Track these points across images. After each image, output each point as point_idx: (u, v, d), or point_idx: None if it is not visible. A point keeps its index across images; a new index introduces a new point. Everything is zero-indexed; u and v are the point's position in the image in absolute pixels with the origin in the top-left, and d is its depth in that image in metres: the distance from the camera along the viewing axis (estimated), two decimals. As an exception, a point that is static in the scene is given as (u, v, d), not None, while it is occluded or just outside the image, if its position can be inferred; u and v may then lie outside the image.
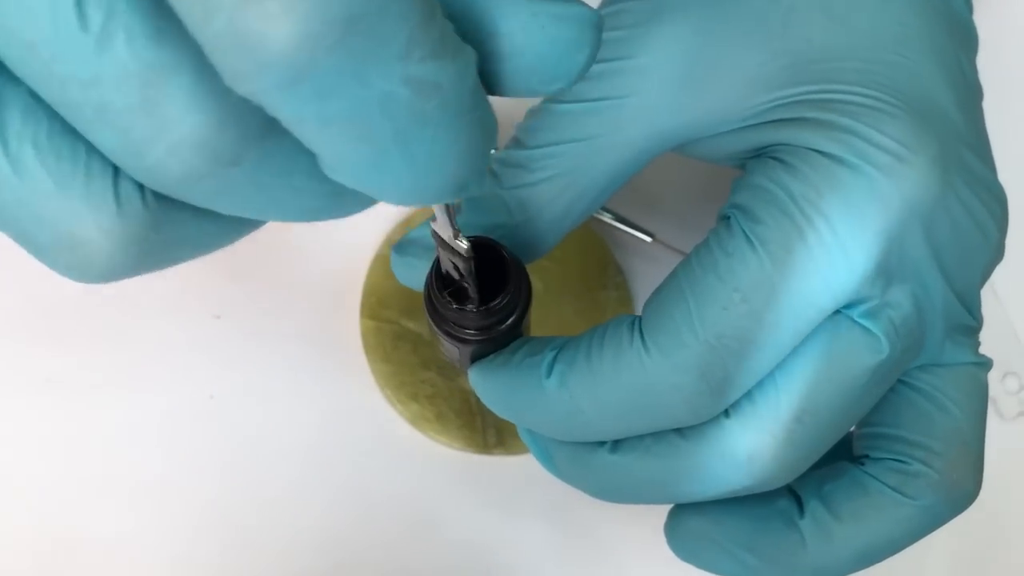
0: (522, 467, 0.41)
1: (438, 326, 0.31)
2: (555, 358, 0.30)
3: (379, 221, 0.43)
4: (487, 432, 0.41)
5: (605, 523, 0.41)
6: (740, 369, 0.29)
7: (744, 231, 0.29)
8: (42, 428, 0.40)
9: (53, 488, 0.40)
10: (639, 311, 0.42)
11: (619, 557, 0.41)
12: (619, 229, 0.42)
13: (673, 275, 0.30)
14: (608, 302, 0.42)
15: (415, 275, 0.33)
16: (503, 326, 0.31)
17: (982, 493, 0.32)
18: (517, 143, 0.33)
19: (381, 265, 0.42)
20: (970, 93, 0.33)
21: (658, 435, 0.31)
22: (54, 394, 0.40)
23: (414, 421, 0.41)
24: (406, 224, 0.42)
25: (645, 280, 0.43)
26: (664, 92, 0.32)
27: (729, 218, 0.30)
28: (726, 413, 0.30)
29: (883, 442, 0.32)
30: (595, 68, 0.32)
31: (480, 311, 0.30)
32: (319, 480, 0.41)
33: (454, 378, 0.41)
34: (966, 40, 0.34)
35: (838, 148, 0.29)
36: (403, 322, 0.41)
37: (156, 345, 0.41)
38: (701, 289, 0.29)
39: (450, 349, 0.32)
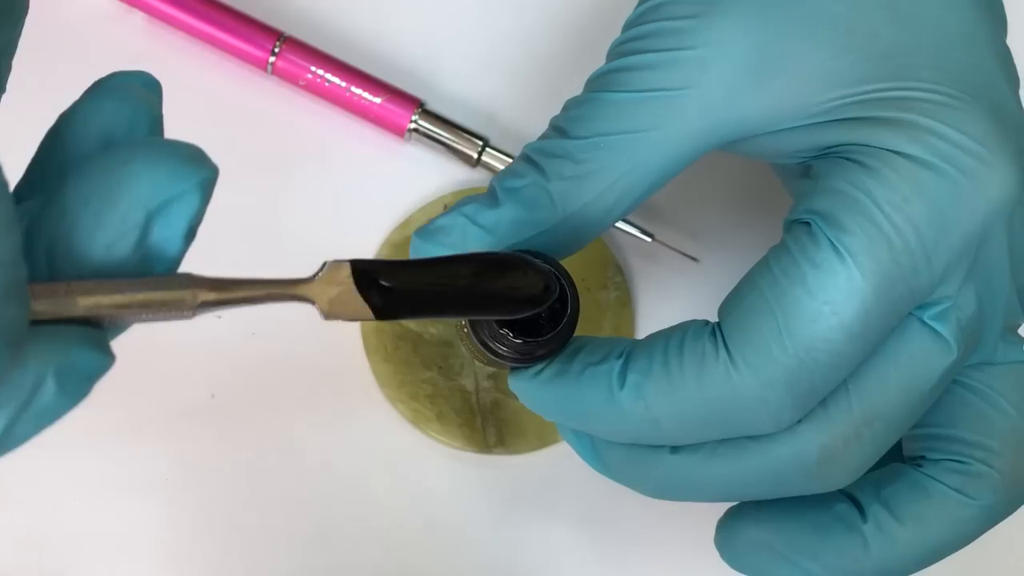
0: (522, 467, 0.41)
1: (479, 342, 0.30)
2: (624, 367, 0.30)
3: (379, 221, 0.43)
4: (487, 432, 0.41)
5: (606, 523, 0.41)
6: (826, 381, 0.29)
7: (831, 241, 0.28)
8: (42, 428, 0.40)
9: (53, 488, 0.40)
10: (639, 311, 0.42)
11: (619, 556, 0.41)
12: (619, 229, 0.42)
13: (752, 284, 0.29)
14: (608, 302, 0.42)
15: None
16: (550, 348, 0.30)
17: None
18: (559, 132, 0.32)
19: (381, 265, 0.42)
20: (1018, 84, 0.32)
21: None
22: (54, 394, 0.40)
23: (414, 421, 0.41)
24: (405, 224, 0.42)
25: (645, 280, 0.43)
26: (725, 85, 0.30)
27: (810, 224, 0.29)
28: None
29: (940, 443, 0.32)
30: (649, 57, 0.31)
31: (533, 342, 0.30)
32: (319, 480, 0.41)
33: (455, 378, 0.41)
34: (1004, 27, 0.33)
35: (920, 150, 0.29)
36: (403, 322, 0.41)
37: (156, 345, 0.41)
38: (789, 302, 0.28)
39: (485, 356, 0.31)
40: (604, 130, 0.31)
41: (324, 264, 0.24)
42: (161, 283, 0.22)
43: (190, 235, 0.22)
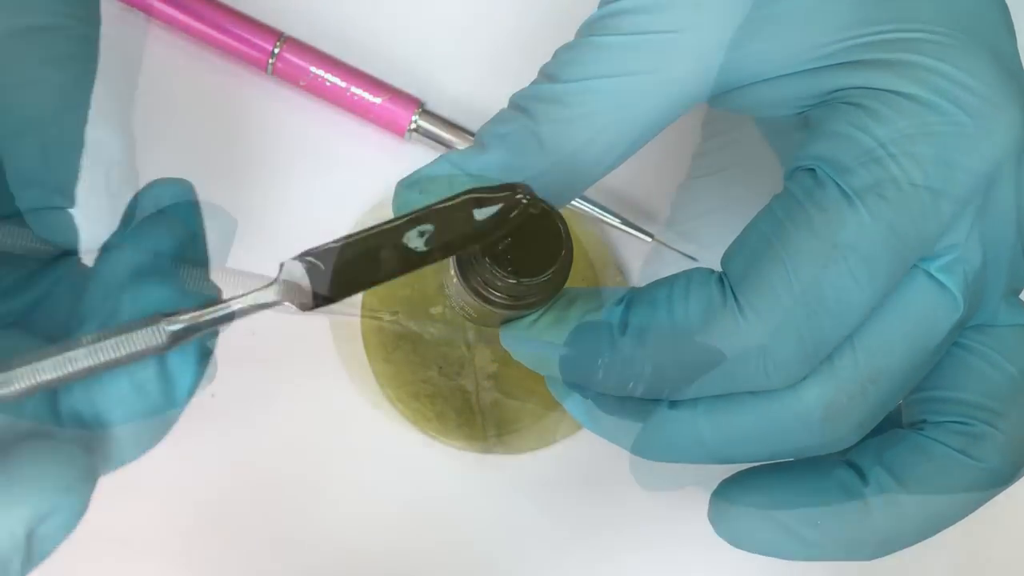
0: (522, 467, 0.41)
1: (470, 289, 0.29)
2: (626, 313, 0.29)
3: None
4: (487, 432, 0.41)
5: (606, 523, 0.41)
6: (836, 331, 0.28)
7: (837, 183, 0.28)
8: (42, 428, 0.40)
9: (53, 488, 0.40)
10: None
11: (619, 556, 0.41)
12: (619, 229, 0.42)
13: (757, 231, 0.29)
14: (608, 302, 0.42)
15: None
16: (545, 294, 0.29)
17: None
18: (549, 78, 0.31)
19: (381, 265, 0.42)
20: (1015, 36, 0.32)
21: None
22: (54, 394, 0.40)
23: (414, 420, 0.41)
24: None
25: (645, 280, 0.43)
26: (720, 28, 0.29)
27: (814, 170, 0.28)
28: None
29: (942, 405, 0.31)
30: (642, 0, 0.30)
31: (530, 284, 0.28)
32: (319, 479, 0.41)
33: (455, 378, 0.41)
34: None
35: (924, 90, 0.28)
36: (403, 321, 0.41)
37: (156, 345, 0.41)
38: (796, 247, 0.27)
39: (475, 307, 0.30)
40: (595, 73, 0.30)
41: (281, 265, 0.26)
42: (132, 328, 0.25)
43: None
